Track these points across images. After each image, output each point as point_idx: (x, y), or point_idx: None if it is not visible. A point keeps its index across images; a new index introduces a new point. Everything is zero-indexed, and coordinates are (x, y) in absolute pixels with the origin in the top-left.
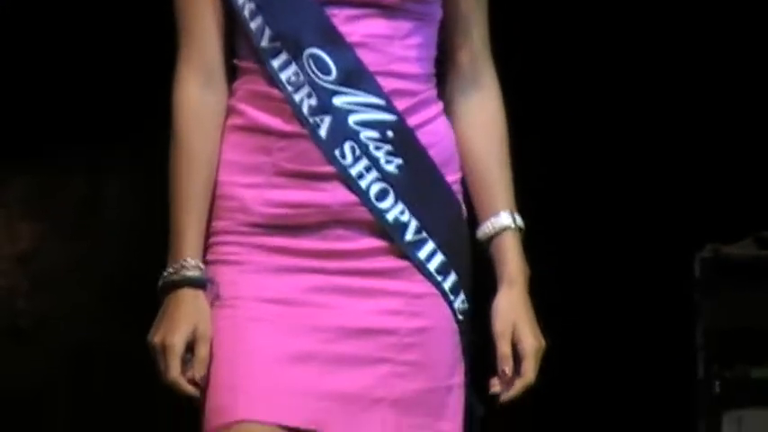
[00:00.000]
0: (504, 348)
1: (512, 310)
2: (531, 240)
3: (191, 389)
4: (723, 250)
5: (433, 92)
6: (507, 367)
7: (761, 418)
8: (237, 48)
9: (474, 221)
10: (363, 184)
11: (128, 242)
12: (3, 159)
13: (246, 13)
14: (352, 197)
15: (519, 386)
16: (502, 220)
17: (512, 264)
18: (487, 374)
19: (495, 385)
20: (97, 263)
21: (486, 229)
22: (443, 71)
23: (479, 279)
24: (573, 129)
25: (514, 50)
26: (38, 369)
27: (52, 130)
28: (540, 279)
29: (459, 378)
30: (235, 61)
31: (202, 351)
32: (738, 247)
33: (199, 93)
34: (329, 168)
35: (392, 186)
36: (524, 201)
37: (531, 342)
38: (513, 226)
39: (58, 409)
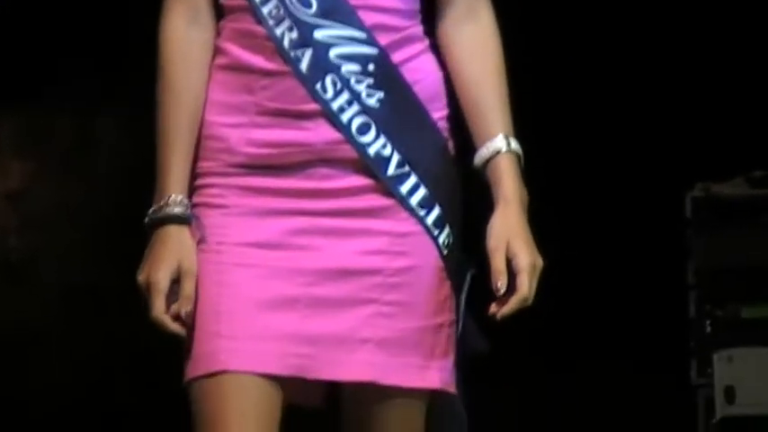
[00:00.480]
0: (497, 263)
1: (506, 227)
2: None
3: (176, 327)
4: (714, 189)
5: (419, 28)
6: (501, 282)
7: (751, 356)
8: None
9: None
10: (345, 118)
11: (120, 182)
12: None
13: None
14: (336, 135)
15: (514, 302)
16: (496, 143)
17: (507, 185)
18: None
19: (492, 306)
20: (88, 203)
21: (481, 153)
22: (437, 4)
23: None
24: (566, 69)
25: None
26: (29, 306)
27: (44, 70)
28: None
29: (448, 316)
30: (220, 0)
31: (187, 287)
32: (729, 186)
33: (185, 29)
34: (312, 106)
35: (374, 120)
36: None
37: (526, 257)
38: (507, 149)
39: (49, 345)
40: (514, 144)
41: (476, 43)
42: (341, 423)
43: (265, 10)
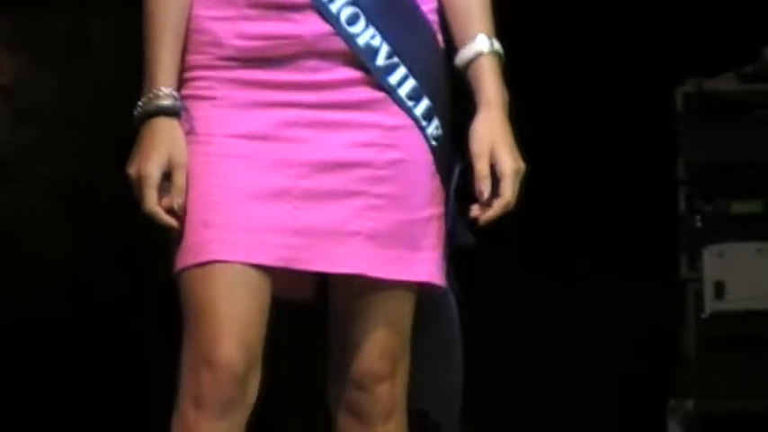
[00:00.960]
0: (481, 168)
1: (490, 132)
2: (511, 75)
3: (168, 219)
4: (705, 84)
5: None
6: (485, 186)
7: (741, 251)
8: None
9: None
10: (334, 8)
11: (112, 78)
12: None
13: None
14: (325, 27)
15: (497, 206)
16: (478, 44)
17: (489, 87)
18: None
19: (475, 209)
20: (81, 98)
21: (462, 54)
22: None
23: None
24: None
25: None
26: (19, 202)
27: None
28: (519, 114)
29: (437, 209)
30: None
31: (179, 179)
32: (720, 81)
33: None
34: None
35: (363, 10)
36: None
37: (510, 162)
38: (489, 50)
39: (38, 239)
40: (496, 44)
41: None
42: (328, 317)
43: None
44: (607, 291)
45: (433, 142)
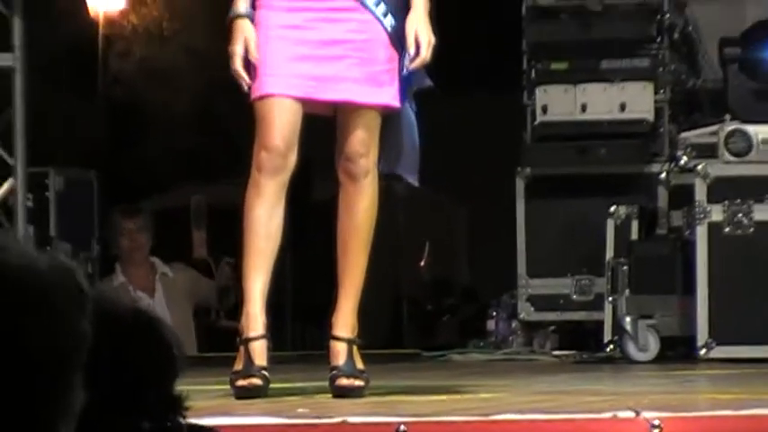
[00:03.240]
0: (410, 40)
1: (415, 21)
2: None
3: (244, 77)
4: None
5: None
6: (412, 49)
7: (557, 90)
8: None
9: None
10: None
11: None
12: None
13: None
14: None
15: (418, 61)
16: None
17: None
18: None
19: (408, 60)
20: None
21: None
22: None
23: None
24: None
25: None
26: None
27: None
28: None
29: (392, 64)
30: None
31: (252, 49)
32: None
33: None
34: None
35: None
36: None
37: (425, 37)
38: None
39: None
40: None
41: None
42: (336, 128)
43: None
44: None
45: (389, 28)
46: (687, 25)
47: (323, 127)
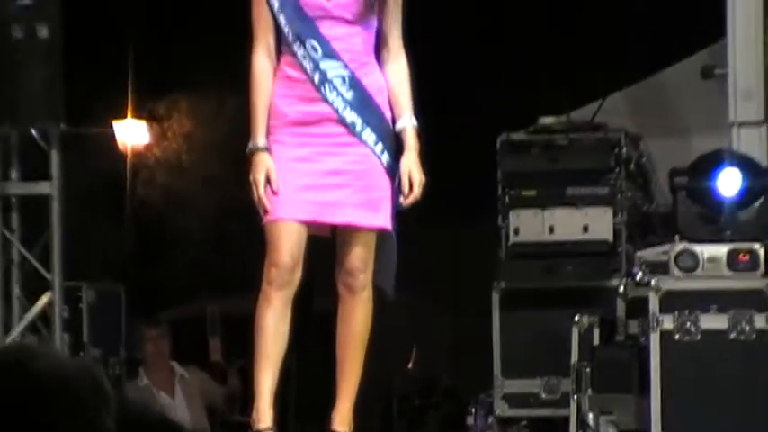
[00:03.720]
0: (404, 180)
1: (408, 163)
2: None
3: (266, 203)
4: (512, 136)
5: (372, 59)
6: (406, 189)
7: (527, 215)
8: (281, 40)
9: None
10: (335, 103)
11: None
12: None
13: (283, 24)
14: (330, 110)
15: (411, 199)
16: (404, 121)
17: (410, 143)
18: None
19: (402, 198)
20: None
21: (398, 125)
22: (380, 49)
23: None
24: None
25: None
26: None
27: None
28: None
29: (387, 192)
30: (282, 47)
31: (273, 180)
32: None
33: (263, 61)
34: (319, 96)
35: (348, 103)
36: None
37: (417, 177)
38: (410, 123)
39: None
40: (414, 120)
41: (396, 73)
42: (336, 247)
43: (299, 53)
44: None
45: (384, 163)
46: (641, 157)
47: (322, 248)
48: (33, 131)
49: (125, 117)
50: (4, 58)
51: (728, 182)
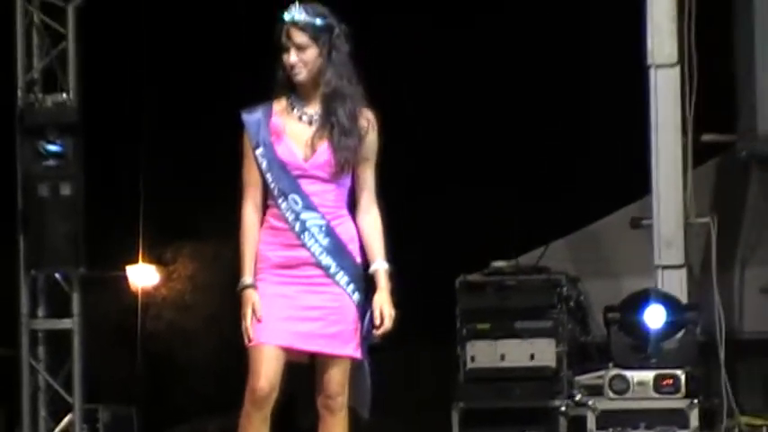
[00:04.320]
0: (376, 313)
1: (380, 299)
2: None
3: (251, 333)
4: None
5: (345, 211)
6: (378, 323)
7: (482, 345)
8: (268, 193)
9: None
10: (313, 248)
11: None
12: None
13: (270, 181)
14: (309, 255)
15: (382, 332)
16: (377, 264)
17: (381, 283)
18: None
19: (375, 332)
20: None
21: (371, 268)
22: (354, 204)
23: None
24: None
25: None
26: None
27: None
28: None
29: (357, 325)
30: (268, 201)
31: (258, 312)
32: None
33: (251, 213)
34: (299, 243)
35: (325, 249)
36: None
37: (388, 312)
38: (383, 267)
39: None
40: (386, 264)
41: (370, 224)
42: (314, 370)
43: (283, 206)
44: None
45: (355, 301)
46: (580, 296)
47: (302, 373)
48: (57, 275)
49: (137, 262)
50: (32, 213)
51: (654, 317)
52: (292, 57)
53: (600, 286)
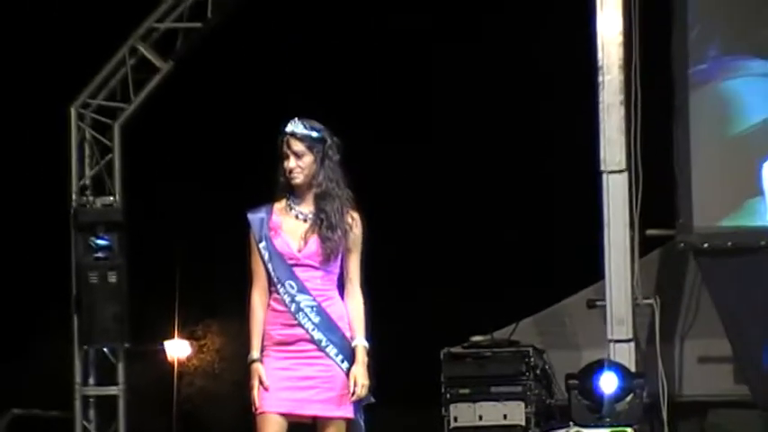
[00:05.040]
0: (351, 383)
1: (356, 371)
2: None
3: (257, 403)
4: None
5: (335, 293)
6: (354, 391)
7: (463, 408)
8: (270, 280)
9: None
10: (306, 325)
11: None
12: None
13: (271, 270)
14: (304, 332)
15: (356, 397)
16: (357, 341)
17: (359, 356)
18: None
19: (352, 397)
20: None
21: (354, 342)
22: (343, 285)
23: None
24: None
25: None
26: None
27: None
28: None
29: (347, 391)
30: (271, 287)
31: (264, 383)
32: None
33: (258, 297)
34: (295, 322)
35: (316, 326)
36: None
37: (361, 381)
38: (362, 344)
39: None
40: (364, 342)
41: (354, 307)
42: (315, 428)
43: (281, 290)
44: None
45: (344, 369)
46: (545, 365)
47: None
48: (105, 350)
49: (172, 337)
50: (84, 297)
51: (608, 383)
52: (291, 162)
53: (562, 357)
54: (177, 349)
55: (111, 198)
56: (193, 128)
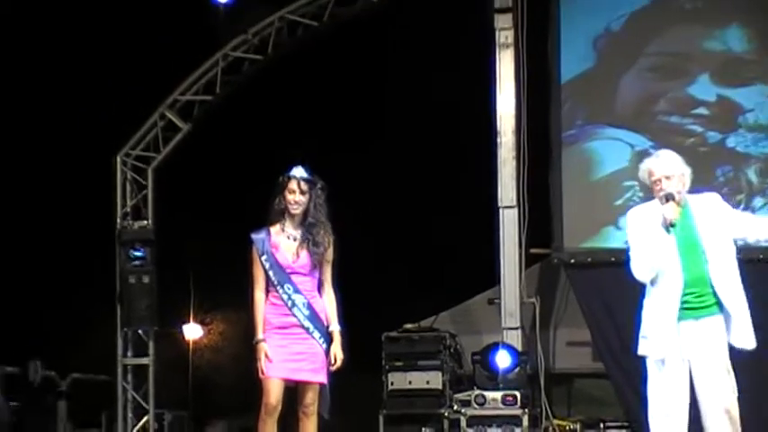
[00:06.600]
0: (332, 357)
1: (334, 349)
2: None
3: (265, 370)
4: None
5: (317, 293)
6: (332, 363)
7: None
8: (269, 283)
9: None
10: (299, 316)
11: None
12: None
13: (271, 275)
14: (295, 320)
15: (336, 366)
16: (333, 326)
17: (336, 338)
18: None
19: (333, 368)
20: None
21: (330, 329)
22: (321, 285)
23: None
24: None
25: None
26: None
27: None
28: None
29: (324, 363)
30: (269, 287)
31: (268, 356)
32: None
33: (260, 294)
34: (290, 313)
35: (307, 317)
36: None
37: (340, 356)
38: (337, 329)
39: None
40: (339, 327)
41: (329, 302)
42: (298, 393)
43: (280, 291)
44: (362, 385)
45: (324, 349)
46: (457, 345)
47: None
48: (140, 331)
49: (188, 322)
50: (125, 293)
51: (502, 358)
52: (297, 197)
53: (469, 340)
54: (192, 332)
55: (146, 222)
56: (206, 171)
